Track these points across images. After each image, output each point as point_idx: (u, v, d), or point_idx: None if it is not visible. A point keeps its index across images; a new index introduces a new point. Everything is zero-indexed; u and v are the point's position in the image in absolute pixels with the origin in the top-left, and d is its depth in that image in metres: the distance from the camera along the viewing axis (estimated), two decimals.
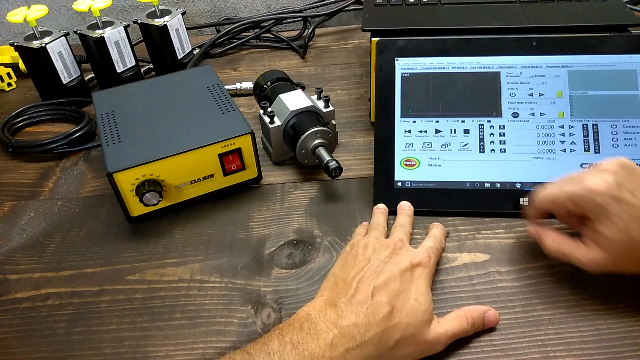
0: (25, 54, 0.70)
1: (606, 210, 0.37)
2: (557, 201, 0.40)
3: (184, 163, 0.51)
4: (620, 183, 0.37)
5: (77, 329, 0.44)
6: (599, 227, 0.37)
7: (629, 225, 0.36)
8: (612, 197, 0.36)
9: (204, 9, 0.93)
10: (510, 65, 0.53)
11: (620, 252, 0.37)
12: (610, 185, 0.37)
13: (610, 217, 0.37)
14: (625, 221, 0.36)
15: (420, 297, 0.38)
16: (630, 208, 0.36)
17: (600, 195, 0.37)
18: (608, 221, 0.37)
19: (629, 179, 0.37)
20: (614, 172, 0.38)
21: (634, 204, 0.36)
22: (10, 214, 0.57)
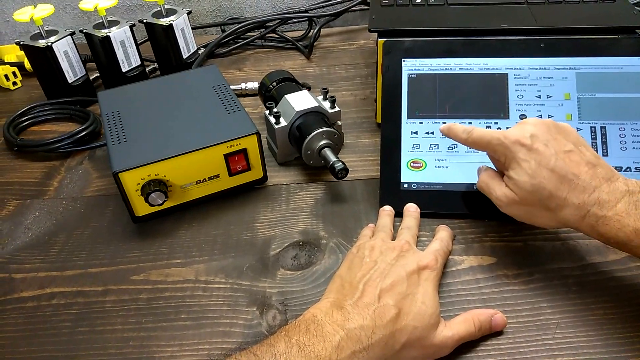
0: (31, 53, 0.70)
1: (515, 156, 0.41)
2: (479, 144, 0.44)
3: (189, 163, 0.51)
4: (535, 134, 0.40)
5: (82, 329, 0.44)
6: (510, 172, 0.41)
7: (535, 171, 0.39)
8: (522, 144, 0.40)
9: (209, 8, 0.93)
10: (517, 67, 0.53)
11: (527, 194, 0.40)
12: (524, 135, 0.41)
13: (518, 162, 0.40)
14: (532, 167, 0.40)
15: (427, 300, 0.38)
16: (539, 156, 0.39)
17: (512, 143, 0.41)
18: (516, 166, 0.41)
19: (546, 133, 0.41)
20: (533, 124, 0.41)
21: (543, 153, 0.39)
22: (16, 213, 0.57)
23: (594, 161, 0.39)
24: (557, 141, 0.40)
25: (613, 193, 0.37)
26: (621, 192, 0.37)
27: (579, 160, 0.39)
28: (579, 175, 0.39)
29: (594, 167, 0.39)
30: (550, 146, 0.40)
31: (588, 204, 0.38)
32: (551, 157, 0.39)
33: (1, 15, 0.93)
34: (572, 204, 0.38)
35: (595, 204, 0.37)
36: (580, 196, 0.38)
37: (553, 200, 0.39)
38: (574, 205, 0.38)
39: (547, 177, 0.39)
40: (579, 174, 0.39)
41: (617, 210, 0.37)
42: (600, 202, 0.37)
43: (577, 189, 0.38)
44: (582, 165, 0.39)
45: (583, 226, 0.39)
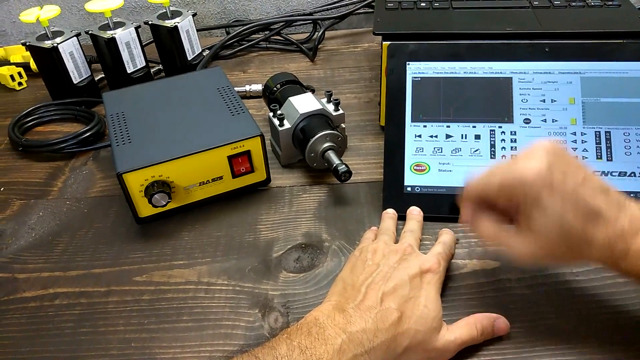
0: (37, 53, 0.70)
1: (538, 195, 0.34)
2: (487, 190, 0.37)
3: (193, 164, 0.51)
4: (550, 166, 0.34)
5: (84, 329, 0.44)
6: (533, 214, 0.35)
7: (562, 210, 0.34)
8: (544, 183, 0.34)
9: (214, 10, 0.93)
10: (522, 71, 0.53)
11: (554, 240, 0.35)
12: (542, 169, 0.34)
13: (542, 202, 0.34)
14: (557, 206, 0.34)
15: (430, 304, 0.38)
16: (561, 192, 0.34)
17: (532, 179, 0.34)
18: (541, 208, 0.34)
19: (558, 162, 0.35)
20: (544, 154, 0.35)
21: (565, 188, 0.34)
22: (20, 213, 0.57)
23: (604, 186, 0.35)
24: (569, 169, 0.35)
25: (632, 222, 0.34)
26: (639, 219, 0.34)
27: (594, 189, 0.34)
28: (599, 208, 0.34)
29: (608, 194, 0.35)
30: (568, 177, 0.34)
31: (613, 238, 0.34)
32: (572, 192, 0.34)
33: (7, 16, 0.93)
34: (598, 241, 0.34)
35: (619, 238, 0.34)
36: (605, 230, 0.34)
37: (580, 241, 0.34)
38: (600, 242, 0.34)
39: (573, 218, 0.34)
40: (599, 206, 0.34)
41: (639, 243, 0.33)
42: (624, 235, 0.34)
43: (600, 224, 0.34)
44: (597, 194, 0.34)
45: (609, 263, 0.35)
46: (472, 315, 0.40)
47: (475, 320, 0.39)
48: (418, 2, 0.63)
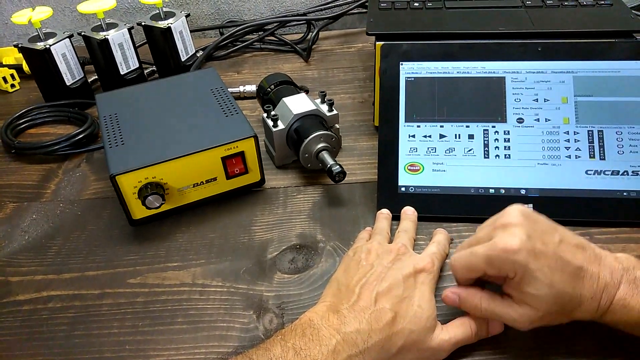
0: (30, 55, 0.70)
1: (526, 267, 0.34)
2: (473, 267, 0.37)
3: (187, 166, 0.51)
4: (529, 235, 0.35)
5: (78, 332, 0.44)
6: (524, 287, 0.35)
7: (551, 278, 0.34)
8: (528, 252, 0.34)
9: (208, 11, 0.93)
10: (515, 71, 0.53)
11: (549, 306, 0.35)
12: (523, 241, 0.34)
13: (532, 274, 0.34)
14: (547, 275, 0.34)
15: (424, 304, 0.38)
16: (547, 259, 0.35)
17: (517, 254, 0.34)
18: (532, 279, 0.35)
19: (534, 229, 0.36)
20: (521, 224, 0.36)
21: (548, 254, 0.35)
22: (13, 216, 0.57)
23: (579, 242, 0.36)
24: (545, 233, 0.36)
25: (613, 274, 0.35)
26: (618, 271, 0.35)
27: (572, 248, 0.36)
28: (581, 265, 0.35)
29: (584, 250, 0.36)
30: (547, 242, 0.35)
31: (598, 293, 0.35)
32: (555, 256, 0.35)
33: (0, 17, 0.93)
34: (586, 298, 0.35)
35: (603, 292, 0.35)
36: (590, 286, 0.35)
37: (571, 301, 0.35)
38: (588, 299, 0.35)
39: (562, 281, 0.35)
40: (581, 263, 0.35)
41: (621, 294, 0.35)
42: (607, 288, 0.35)
43: (585, 281, 0.35)
44: (576, 252, 0.36)
45: (595, 317, 0.36)
46: (467, 315, 0.40)
47: (469, 320, 0.39)
48: (411, 2, 0.63)
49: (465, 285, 0.39)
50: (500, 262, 0.35)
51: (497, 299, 0.38)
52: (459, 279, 0.39)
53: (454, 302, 0.39)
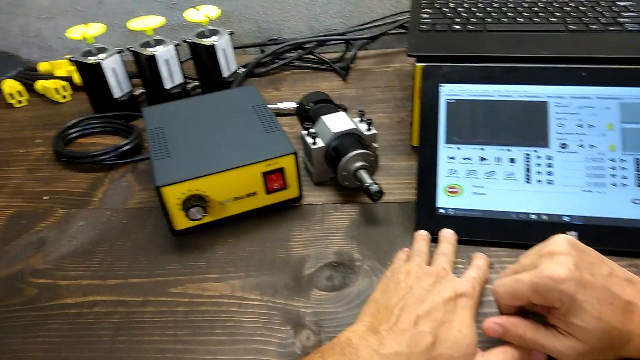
0: (82, 68, 0.73)
1: (574, 298, 0.34)
2: (518, 294, 0.36)
3: (228, 180, 0.53)
4: (577, 265, 0.34)
5: (121, 338, 0.45)
6: (571, 318, 0.34)
7: (600, 310, 0.33)
8: (576, 282, 0.34)
9: (250, 29, 0.96)
10: (558, 95, 0.53)
11: (597, 340, 0.34)
12: (571, 270, 0.34)
13: (580, 305, 0.34)
14: (595, 307, 0.33)
15: (464, 329, 0.38)
16: (595, 291, 0.34)
17: (564, 283, 0.34)
18: (579, 310, 0.34)
19: (582, 259, 0.35)
20: (568, 253, 0.35)
21: (597, 286, 0.34)
22: (62, 222, 0.59)
23: (629, 276, 0.36)
24: (594, 264, 0.35)
25: None
26: None
27: (621, 282, 0.35)
28: (631, 300, 0.34)
29: (634, 284, 0.35)
30: (596, 274, 0.35)
31: None
32: (603, 288, 0.34)
33: (54, 32, 0.98)
34: (636, 335, 0.34)
35: None
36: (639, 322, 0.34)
37: (621, 338, 0.34)
38: (638, 336, 0.34)
39: (611, 315, 0.34)
40: (631, 298, 0.34)
41: None
42: None
43: (635, 317, 0.34)
44: (626, 286, 0.35)
45: None
46: (508, 344, 0.39)
47: (511, 349, 0.38)
48: (452, 25, 0.64)
49: (508, 313, 0.39)
50: (546, 291, 0.35)
51: (542, 330, 0.37)
52: (501, 306, 0.39)
53: (496, 333, 0.38)
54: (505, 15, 0.66)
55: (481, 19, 0.65)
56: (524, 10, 0.66)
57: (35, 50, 1.00)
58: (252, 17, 0.94)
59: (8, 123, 0.80)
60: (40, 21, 0.96)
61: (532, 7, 0.67)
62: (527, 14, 0.65)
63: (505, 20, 0.64)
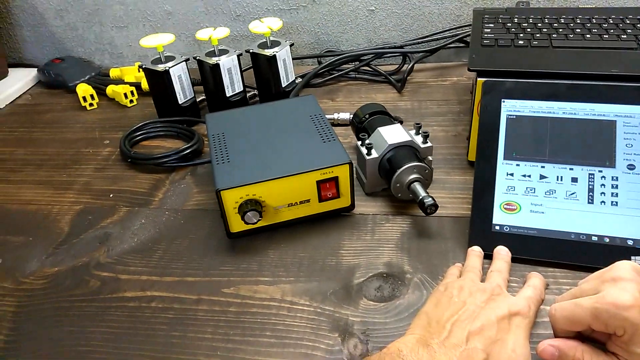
0: (150, 75, 0.78)
1: (638, 327, 0.32)
2: (577, 320, 0.35)
3: (284, 186, 0.54)
4: None
5: (176, 333, 0.47)
6: (634, 347, 0.33)
7: None
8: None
9: (308, 41, 0.98)
10: (628, 115, 0.51)
11: None
12: (637, 297, 0.33)
13: None
14: None
15: (518, 349, 0.37)
16: None
17: (629, 310, 0.32)
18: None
19: None
20: (633, 280, 0.34)
21: None
22: (125, 219, 0.63)
23: None
24: None
25: None
26: None
27: None
28: None
29: None
30: None
31: None
32: None
33: (125, 40, 1.04)
34: None
35: None
36: None
37: None
38: None
39: None
40: None
41: None
42: None
43: None
44: None
45: None
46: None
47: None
48: (516, 40, 0.63)
49: (565, 337, 0.37)
50: (608, 317, 0.33)
51: (602, 355, 0.35)
52: (557, 330, 0.38)
53: (552, 356, 0.37)
54: (573, 31, 0.64)
55: (547, 35, 0.63)
56: (593, 27, 0.64)
57: (107, 57, 1.07)
58: (312, 29, 0.96)
59: (80, 124, 0.86)
60: (113, 30, 1.03)
61: (602, 24, 0.65)
62: (596, 31, 0.63)
63: (572, 36, 0.63)
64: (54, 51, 1.08)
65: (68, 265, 0.57)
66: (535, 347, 0.38)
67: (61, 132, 0.84)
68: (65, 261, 0.57)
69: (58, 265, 0.57)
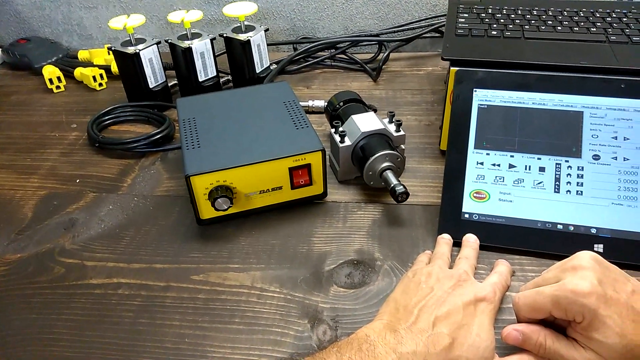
0: (120, 58, 0.75)
1: (596, 313, 0.34)
2: (539, 307, 0.36)
3: (256, 173, 0.53)
4: (601, 280, 0.34)
5: (143, 320, 0.46)
6: (592, 333, 0.34)
7: (622, 326, 0.33)
8: (598, 297, 0.34)
9: (284, 27, 0.97)
10: (595, 106, 0.52)
11: (618, 356, 0.34)
12: (594, 285, 0.34)
13: (602, 320, 0.34)
14: (617, 323, 0.33)
15: (483, 333, 0.37)
16: (618, 307, 0.34)
17: (587, 297, 0.34)
18: (601, 325, 0.34)
19: (606, 275, 0.35)
20: (592, 268, 0.35)
21: (620, 302, 0.34)
22: (92, 205, 0.61)
23: None
24: (617, 281, 0.35)
25: None
26: None
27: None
28: None
29: None
30: (619, 290, 0.35)
31: None
32: (627, 305, 0.34)
33: (95, 22, 1.01)
34: None
35: None
36: None
37: None
38: None
39: (634, 332, 0.34)
40: None
41: None
42: None
43: None
44: None
45: None
46: (526, 352, 0.39)
47: (528, 357, 0.38)
48: (489, 31, 0.63)
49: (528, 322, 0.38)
50: (568, 304, 0.34)
51: (563, 340, 0.36)
52: (520, 318, 0.39)
53: (516, 340, 0.38)
54: (545, 23, 0.65)
55: (519, 26, 0.64)
56: (564, 19, 0.65)
57: (75, 39, 1.03)
58: (287, 14, 0.95)
59: (46, 107, 0.83)
60: (82, 10, 1.00)
61: (573, 17, 0.66)
62: (567, 23, 0.64)
63: (544, 28, 0.63)
64: (19, 31, 1.04)
65: (31, 251, 0.55)
66: (500, 332, 0.39)
67: (26, 115, 0.81)
68: (28, 247, 0.55)
69: (21, 252, 0.55)
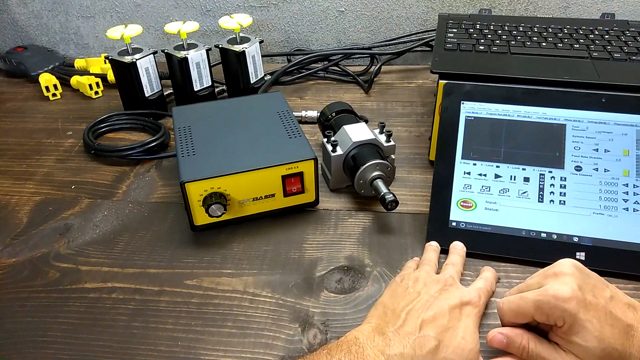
0: (117, 66, 0.77)
1: (576, 317, 0.35)
2: (522, 312, 0.38)
3: (249, 180, 0.55)
4: (581, 286, 0.36)
5: (136, 324, 0.47)
6: (572, 337, 0.36)
7: (600, 331, 0.35)
8: (578, 302, 0.35)
9: (278, 39, 0.98)
10: (577, 119, 0.54)
11: (597, 359, 0.35)
12: (574, 290, 0.35)
13: (582, 324, 0.35)
14: (596, 327, 0.35)
15: (468, 336, 0.39)
16: (597, 312, 0.35)
17: (568, 302, 0.35)
18: (581, 329, 0.35)
19: (586, 282, 0.37)
20: (573, 275, 0.37)
21: (599, 307, 0.35)
22: (87, 210, 0.62)
23: (630, 302, 0.37)
24: (597, 287, 0.37)
25: None
26: None
27: (622, 306, 0.36)
28: (632, 324, 0.35)
29: (635, 310, 0.37)
30: (598, 296, 0.36)
31: None
32: (605, 310, 0.35)
33: (92, 31, 1.02)
34: (634, 356, 0.35)
35: None
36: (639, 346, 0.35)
37: (621, 357, 0.35)
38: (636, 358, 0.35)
39: (611, 336, 0.35)
40: (631, 322, 0.36)
41: None
42: None
43: (635, 340, 0.35)
44: (627, 310, 0.36)
45: None
46: (509, 355, 0.40)
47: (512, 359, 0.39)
48: (477, 45, 0.66)
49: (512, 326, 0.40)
50: (549, 309, 0.36)
51: (545, 344, 0.38)
52: (505, 322, 0.40)
53: (500, 343, 0.39)
54: (530, 39, 0.67)
55: (506, 42, 0.66)
56: (549, 36, 0.68)
57: (72, 47, 1.05)
58: (282, 27, 0.97)
59: (42, 114, 0.84)
60: (79, 20, 1.01)
61: (557, 34, 0.68)
62: (552, 40, 0.67)
63: (529, 44, 0.66)
64: (17, 39, 1.05)
65: (26, 256, 0.56)
66: (485, 336, 0.41)
67: (22, 122, 0.82)
68: (23, 252, 0.56)
69: (16, 256, 0.55)
